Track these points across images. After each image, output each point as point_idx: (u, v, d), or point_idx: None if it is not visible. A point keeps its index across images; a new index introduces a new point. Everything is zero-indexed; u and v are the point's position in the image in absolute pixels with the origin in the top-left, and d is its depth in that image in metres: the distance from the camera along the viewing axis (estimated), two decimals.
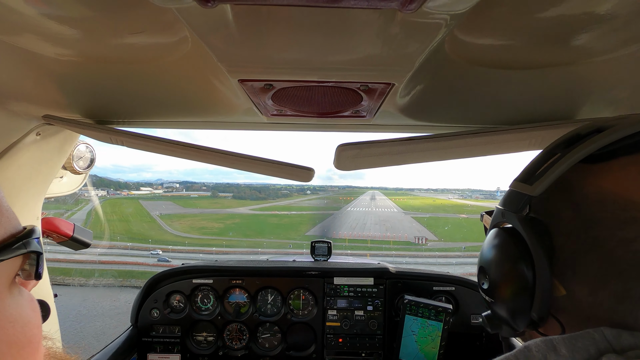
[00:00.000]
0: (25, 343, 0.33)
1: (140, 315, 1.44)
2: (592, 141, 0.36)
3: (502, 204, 0.45)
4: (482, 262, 0.45)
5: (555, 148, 0.41)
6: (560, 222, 0.37)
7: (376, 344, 1.43)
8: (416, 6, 0.37)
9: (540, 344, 0.33)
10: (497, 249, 0.43)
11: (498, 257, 0.42)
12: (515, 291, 0.39)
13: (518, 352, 0.34)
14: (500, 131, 0.76)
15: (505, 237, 0.42)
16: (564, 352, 0.31)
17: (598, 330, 0.31)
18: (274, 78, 0.60)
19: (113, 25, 0.47)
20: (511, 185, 0.44)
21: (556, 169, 0.37)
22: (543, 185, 0.38)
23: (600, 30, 0.46)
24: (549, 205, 0.39)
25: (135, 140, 0.85)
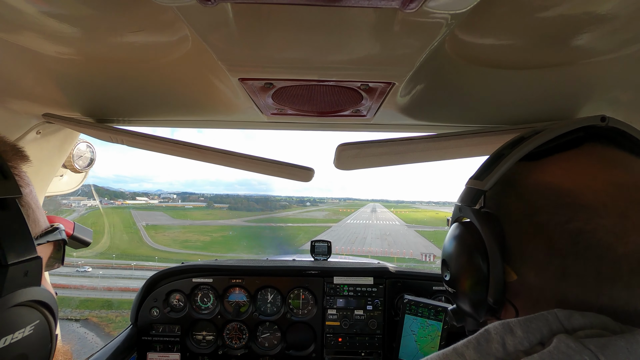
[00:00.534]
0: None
1: (140, 314, 1.44)
2: (530, 141, 0.41)
3: (459, 200, 0.49)
4: (444, 255, 0.49)
5: (502, 150, 0.46)
6: (508, 212, 0.41)
7: (376, 343, 1.43)
8: (417, 5, 0.37)
9: (498, 326, 0.35)
10: (455, 241, 0.47)
11: (456, 249, 0.46)
12: (472, 279, 0.42)
13: (478, 334, 0.36)
14: (501, 131, 0.76)
15: (462, 229, 0.46)
16: (520, 334, 0.33)
17: (551, 312, 0.33)
18: (274, 77, 0.60)
19: (113, 24, 0.47)
20: (467, 183, 0.48)
21: (502, 165, 0.42)
22: (492, 180, 0.42)
23: (600, 31, 0.46)
24: (498, 199, 0.43)
25: (135, 139, 0.85)
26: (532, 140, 0.41)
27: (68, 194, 1.20)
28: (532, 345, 0.33)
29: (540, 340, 0.32)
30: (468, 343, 0.36)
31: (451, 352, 0.37)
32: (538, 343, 0.32)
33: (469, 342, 0.36)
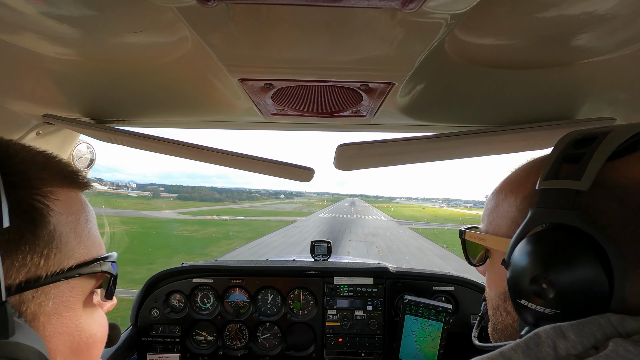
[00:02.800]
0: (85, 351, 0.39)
1: (140, 315, 1.44)
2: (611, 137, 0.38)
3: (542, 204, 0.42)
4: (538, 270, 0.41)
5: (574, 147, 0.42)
6: (610, 215, 0.37)
7: (376, 343, 1.43)
8: (416, 6, 0.37)
9: (549, 330, 0.34)
10: (559, 251, 0.39)
11: (564, 259, 0.39)
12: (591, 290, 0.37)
13: (528, 338, 0.35)
14: (500, 131, 0.76)
15: (566, 236, 0.39)
16: (573, 338, 0.32)
17: (604, 316, 0.32)
18: (274, 77, 0.60)
19: (113, 25, 0.47)
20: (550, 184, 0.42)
21: (594, 163, 0.38)
22: (589, 179, 0.37)
23: (600, 31, 0.46)
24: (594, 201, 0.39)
25: (135, 140, 0.85)
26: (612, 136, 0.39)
27: None
28: (585, 349, 0.32)
29: (594, 345, 0.32)
30: (517, 347, 0.35)
31: (498, 356, 0.36)
32: (591, 347, 0.32)
33: (517, 346, 0.35)
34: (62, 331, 0.37)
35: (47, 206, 0.36)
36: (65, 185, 0.40)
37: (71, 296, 0.38)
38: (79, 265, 0.38)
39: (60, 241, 0.37)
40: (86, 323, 0.40)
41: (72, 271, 0.38)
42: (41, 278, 0.35)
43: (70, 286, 0.38)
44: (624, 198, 0.37)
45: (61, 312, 0.37)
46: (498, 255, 0.52)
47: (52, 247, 0.36)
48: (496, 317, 0.53)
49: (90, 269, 0.39)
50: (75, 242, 0.39)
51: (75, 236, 0.39)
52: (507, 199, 0.50)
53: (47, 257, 0.36)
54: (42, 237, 0.35)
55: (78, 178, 0.42)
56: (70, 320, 0.37)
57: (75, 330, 0.38)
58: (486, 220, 0.55)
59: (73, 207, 0.40)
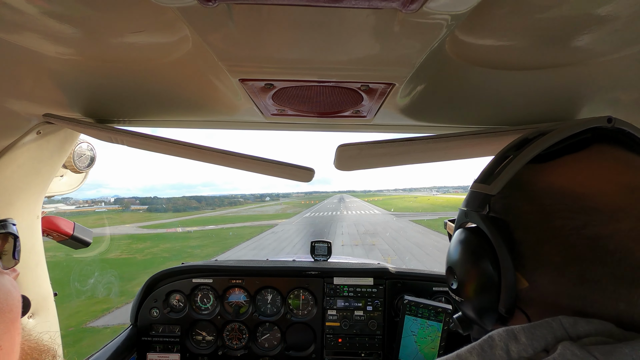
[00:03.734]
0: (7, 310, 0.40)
1: (140, 315, 1.44)
2: (538, 143, 0.40)
3: (465, 205, 0.47)
4: (450, 262, 0.47)
5: (507, 151, 0.45)
6: (519, 217, 0.40)
7: (376, 344, 1.43)
8: (417, 6, 0.37)
9: (502, 333, 0.35)
10: (462, 247, 0.45)
11: (464, 256, 0.44)
12: (482, 287, 0.41)
13: (482, 341, 0.36)
14: (501, 132, 0.76)
15: (469, 235, 0.44)
16: (524, 341, 0.33)
17: (556, 319, 0.33)
18: (274, 78, 0.60)
19: (114, 24, 0.47)
20: (472, 187, 0.47)
21: (510, 168, 0.41)
22: (500, 184, 0.41)
23: (600, 32, 0.46)
24: (507, 203, 0.42)
25: (135, 140, 0.85)
26: (540, 141, 0.40)
27: (68, 193, 1.20)
28: (536, 352, 0.32)
29: (545, 347, 0.32)
30: (472, 349, 0.36)
31: (454, 358, 0.37)
32: (542, 350, 0.32)
33: (472, 349, 0.36)
34: None
35: None
36: None
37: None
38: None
39: None
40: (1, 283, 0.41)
41: None
42: None
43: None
44: (535, 201, 0.39)
45: None
46: None
47: None
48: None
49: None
50: None
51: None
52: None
53: None
54: None
55: None
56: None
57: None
58: None
59: None
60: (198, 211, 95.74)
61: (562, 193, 0.37)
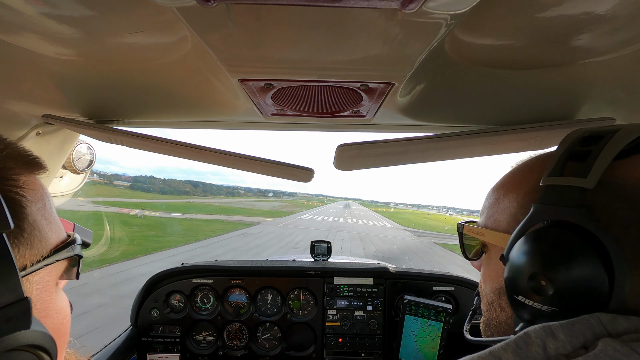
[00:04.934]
0: (63, 332, 0.40)
1: (140, 315, 1.44)
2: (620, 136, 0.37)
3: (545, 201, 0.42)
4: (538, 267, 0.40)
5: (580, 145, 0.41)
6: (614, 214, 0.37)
7: (376, 344, 1.43)
8: (416, 6, 0.37)
9: (539, 329, 0.34)
10: (560, 248, 0.39)
11: (565, 257, 0.38)
12: (591, 289, 0.36)
13: (517, 338, 0.35)
14: (500, 131, 0.76)
15: (568, 234, 0.38)
16: (562, 337, 0.32)
17: (594, 316, 0.32)
18: (274, 77, 0.60)
19: (113, 25, 0.47)
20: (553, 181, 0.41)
21: (600, 161, 0.37)
22: (595, 176, 0.37)
23: (600, 31, 0.46)
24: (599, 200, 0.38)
25: (135, 140, 0.85)
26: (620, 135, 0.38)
27: (68, 194, 1.20)
28: (574, 348, 0.31)
29: (584, 344, 0.31)
30: (506, 346, 0.35)
31: (487, 355, 0.35)
32: (581, 347, 0.31)
33: (507, 345, 0.35)
34: (45, 315, 0.38)
35: (23, 197, 0.37)
36: (29, 172, 0.40)
37: (49, 280, 0.39)
38: (56, 251, 0.40)
39: (38, 229, 0.38)
40: (61, 304, 0.41)
41: (51, 257, 0.39)
42: (27, 267, 0.36)
43: (48, 271, 0.39)
44: (629, 198, 0.36)
45: (43, 297, 0.38)
46: (495, 251, 0.52)
47: (33, 237, 0.37)
48: (490, 312, 0.53)
49: (65, 253, 0.41)
50: (47, 227, 0.39)
51: (47, 222, 0.40)
52: (508, 194, 0.50)
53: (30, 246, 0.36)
54: (26, 229, 0.36)
55: (37, 161, 0.42)
56: (50, 304, 0.39)
57: (55, 313, 0.39)
58: (485, 215, 0.55)
59: (38, 193, 0.40)
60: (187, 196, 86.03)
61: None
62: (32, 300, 0.35)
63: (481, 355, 0.36)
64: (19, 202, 0.36)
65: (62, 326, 0.40)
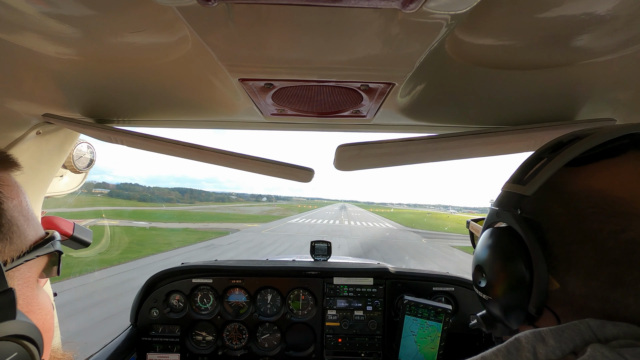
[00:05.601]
0: (48, 328, 0.40)
1: (140, 315, 1.44)
2: (577, 145, 0.40)
3: (496, 204, 0.48)
4: (479, 261, 0.48)
5: (541, 154, 0.45)
6: (552, 219, 0.40)
7: (375, 344, 1.43)
8: (416, 6, 0.37)
9: (529, 335, 0.35)
10: (493, 247, 0.45)
11: (495, 255, 0.44)
12: (513, 286, 0.41)
13: (508, 343, 0.36)
14: (500, 132, 0.76)
15: (502, 235, 0.44)
16: (552, 343, 0.33)
17: (583, 322, 0.33)
18: (274, 77, 0.60)
19: (113, 24, 0.47)
20: (504, 187, 0.47)
21: (547, 170, 0.41)
22: (535, 184, 0.41)
23: (600, 31, 0.46)
24: (540, 205, 0.41)
25: (135, 140, 0.85)
26: (577, 145, 0.40)
27: (68, 193, 1.20)
28: (564, 354, 0.32)
29: (573, 350, 0.32)
30: (497, 352, 0.36)
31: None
32: (571, 352, 0.32)
33: (498, 351, 0.36)
34: (28, 310, 0.38)
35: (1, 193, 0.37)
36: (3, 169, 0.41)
37: (30, 276, 0.39)
38: (36, 247, 0.40)
39: (16, 225, 0.38)
40: (43, 300, 0.41)
41: (31, 253, 0.39)
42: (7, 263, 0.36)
43: (28, 267, 0.39)
44: (570, 204, 0.39)
45: (25, 292, 0.38)
46: None
47: (12, 232, 0.37)
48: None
49: (45, 249, 0.41)
50: (25, 224, 0.40)
51: (24, 219, 0.40)
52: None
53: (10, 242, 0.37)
54: (4, 225, 0.36)
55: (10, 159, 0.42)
56: (33, 300, 0.39)
57: (37, 309, 0.39)
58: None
59: (14, 190, 0.40)
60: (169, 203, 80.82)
61: (600, 197, 0.37)
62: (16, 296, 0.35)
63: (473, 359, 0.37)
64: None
65: (46, 322, 0.40)
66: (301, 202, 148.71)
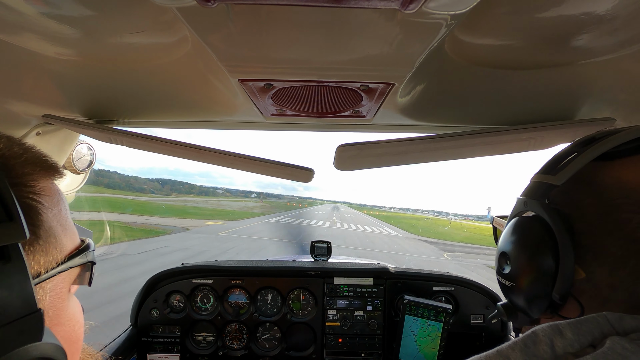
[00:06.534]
0: (75, 339, 0.40)
1: (140, 315, 1.44)
2: (608, 140, 0.41)
3: (525, 194, 0.48)
4: (504, 247, 0.48)
5: (573, 148, 0.45)
6: (581, 209, 0.40)
7: (376, 344, 1.43)
8: (416, 6, 0.37)
9: (546, 328, 0.35)
10: (521, 234, 0.45)
11: (522, 243, 0.45)
12: (539, 275, 0.41)
13: (525, 336, 0.36)
14: (500, 131, 0.76)
15: (530, 223, 0.45)
16: (570, 336, 0.33)
17: (601, 315, 0.33)
18: (274, 78, 0.60)
19: (113, 25, 0.47)
20: (534, 177, 0.47)
21: (577, 162, 0.41)
22: (566, 175, 0.42)
23: (600, 31, 0.46)
24: (569, 196, 0.42)
25: (134, 140, 0.85)
26: (608, 140, 0.41)
27: (68, 194, 1.19)
28: (582, 347, 0.32)
29: (592, 343, 0.32)
30: (514, 345, 0.36)
31: (495, 355, 0.37)
32: (589, 345, 0.32)
33: (515, 344, 0.36)
34: (58, 322, 0.37)
35: (40, 203, 0.35)
36: (47, 177, 0.39)
37: (62, 287, 0.38)
38: (70, 257, 0.39)
39: (54, 236, 0.37)
40: (73, 311, 0.40)
41: (66, 264, 0.38)
42: (40, 274, 0.35)
43: (61, 278, 0.38)
44: (601, 196, 0.39)
45: (56, 304, 0.37)
46: None
47: (49, 244, 0.36)
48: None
49: (80, 259, 0.40)
50: (63, 234, 0.38)
51: (62, 228, 0.39)
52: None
53: (45, 253, 0.35)
54: (41, 236, 0.35)
55: (55, 167, 0.41)
56: (63, 312, 0.38)
57: (67, 320, 0.38)
58: None
59: (55, 198, 0.39)
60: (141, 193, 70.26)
61: (630, 188, 0.37)
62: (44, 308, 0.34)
63: (489, 354, 0.37)
64: (36, 209, 0.35)
65: (74, 333, 0.39)
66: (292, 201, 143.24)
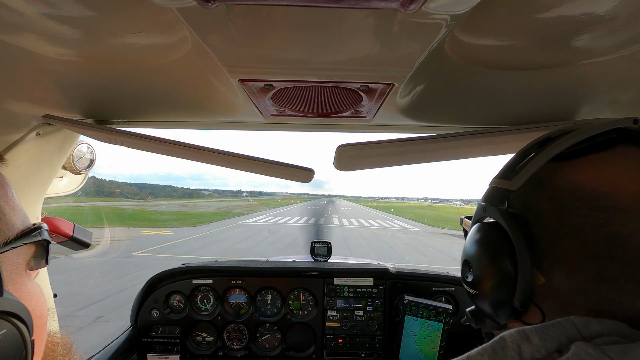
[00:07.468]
0: (39, 314, 0.41)
1: (140, 316, 1.44)
2: (561, 141, 0.40)
3: (483, 199, 0.48)
4: (466, 255, 0.48)
5: (529, 149, 0.45)
6: (538, 213, 0.40)
7: (376, 344, 1.43)
8: (416, 6, 0.37)
9: (514, 334, 0.35)
10: (480, 242, 0.45)
11: (481, 250, 0.45)
12: (499, 281, 0.41)
13: (494, 342, 0.36)
14: (500, 132, 0.76)
15: (488, 230, 0.45)
16: (536, 341, 0.33)
17: (568, 320, 0.33)
18: (274, 78, 0.60)
19: (113, 25, 0.47)
20: (491, 182, 0.47)
21: (532, 165, 0.41)
22: (520, 180, 0.41)
23: (600, 31, 0.46)
24: (526, 200, 0.42)
25: (135, 140, 0.85)
26: (562, 140, 0.40)
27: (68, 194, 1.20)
28: (549, 352, 0.32)
29: (558, 348, 0.32)
30: (483, 351, 0.36)
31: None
32: (555, 350, 0.32)
33: (484, 350, 0.36)
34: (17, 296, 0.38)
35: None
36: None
37: (18, 263, 0.40)
38: (22, 235, 0.41)
39: (3, 214, 0.39)
40: (32, 288, 0.42)
41: (18, 240, 0.40)
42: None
43: (15, 253, 0.40)
44: (556, 198, 0.39)
45: (14, 278, 0.39)
46: None
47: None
48: None
49: (32, 237, 0.42)
50: (12, 213, 0.41)
51: (10, 208, 0.41)
52: None
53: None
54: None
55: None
56: (22, 286, 0.40)
57: (27, 295, 0.40)
58: None
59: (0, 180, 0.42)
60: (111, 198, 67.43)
61: (584, 191, 0.37)
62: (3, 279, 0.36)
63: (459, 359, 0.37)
64: None
65: (37, 308, 0.41)
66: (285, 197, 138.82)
